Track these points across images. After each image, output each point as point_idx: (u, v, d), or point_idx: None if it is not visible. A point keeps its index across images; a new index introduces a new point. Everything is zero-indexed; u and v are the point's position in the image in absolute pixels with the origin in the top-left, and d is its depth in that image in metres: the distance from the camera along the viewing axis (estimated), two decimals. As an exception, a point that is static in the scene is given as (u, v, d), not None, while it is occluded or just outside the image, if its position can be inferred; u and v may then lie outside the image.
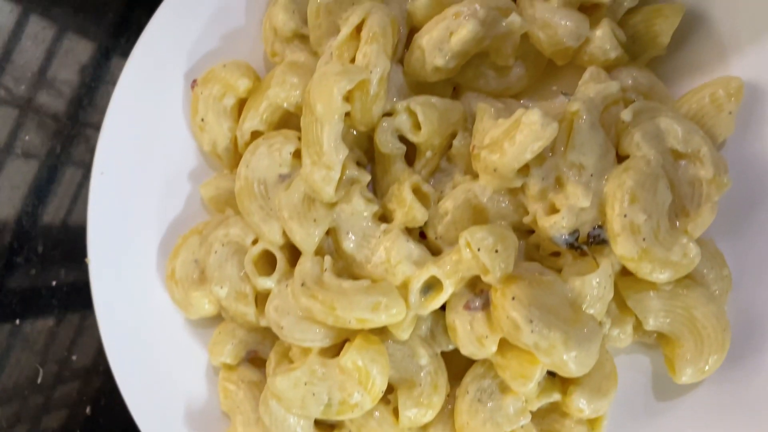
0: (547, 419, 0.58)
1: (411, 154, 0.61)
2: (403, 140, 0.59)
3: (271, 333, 0.59)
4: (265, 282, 0.59)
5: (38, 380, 0.77)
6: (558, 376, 0.55)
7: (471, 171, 0.59)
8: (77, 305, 0.78)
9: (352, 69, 0.54)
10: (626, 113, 0.55)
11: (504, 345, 0.54)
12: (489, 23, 0.57)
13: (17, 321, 0.79)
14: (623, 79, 0.59)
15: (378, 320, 0.54)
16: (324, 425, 0.60)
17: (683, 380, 0.55)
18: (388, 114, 0.59)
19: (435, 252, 0.58)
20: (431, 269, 0.54)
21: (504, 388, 0.56)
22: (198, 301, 0.63)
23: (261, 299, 0.61)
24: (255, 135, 0.62)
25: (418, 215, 0.57)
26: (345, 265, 0.58)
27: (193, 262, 0.63)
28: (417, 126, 0.58)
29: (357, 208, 0.57)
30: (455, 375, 0.58)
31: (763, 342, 0.56)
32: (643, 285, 0.55)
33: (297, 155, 0.59)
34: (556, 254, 0.57)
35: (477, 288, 0.56)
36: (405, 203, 0.57)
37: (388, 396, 0.58)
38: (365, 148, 0.61)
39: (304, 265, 0.57)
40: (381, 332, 0.56)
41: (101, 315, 0.64)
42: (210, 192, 0.65)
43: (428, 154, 0.60)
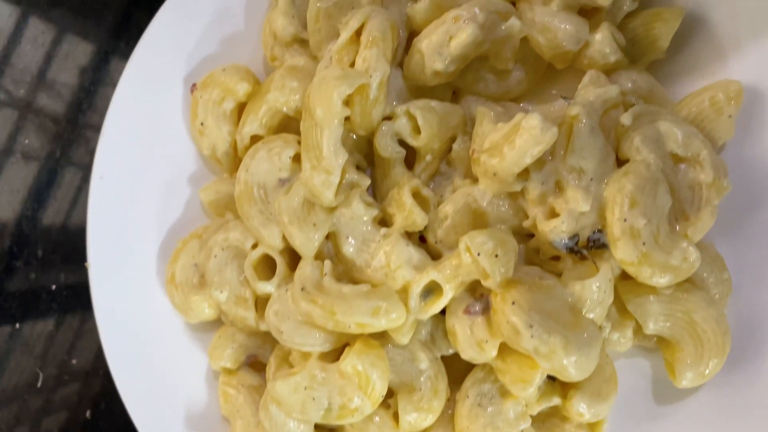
0: (548, 423, 0.58)
1: (411, 158, 0.61)
2: (403, 144, 0.59)
3: (271, 337, 0.59)
4: (265, 286, 0.59)
5: (38, 384, 0.77)
6: (558, 381, 0.55)
7: (471, 175, 0.59)
8: (77, 308, 0.78)
9: (352, 73, 0.54)
10: (626, 117, 0.55)
11: (504, 349, 0.54)
12: (488, 27, 0.56)
13: (17, 325, 0.79)
14: (623, 83, 0.59)
15: (378, 325, 0.54)
16: (324, 429, 0.60)
17: (683, 384, 0.55)
18: (388, 118, 0.59)
19: (435, 256, 0.58)
20: (431, 274, 0.54)
21: (504, 393, 0.56)
22: (198, 306, 0.63)
23: (261, 303, 0.61)
24: (254, 139, 0.62)
25: (418, 219, 0.57)
26: (345, 270, 0.58)
27: (193, 267, 0.63)
28: (417, 130, 0.58)
29: (357, 213, 0.57)
30: (455, 379, 0.58)
31: (763, 346, 0.56)
32: (643, 289, 0.55)
33: (297, 159, 0.59)
34: (556, 258, 0.57)
35: (477, 292, 0.55)
36: (405, 207, 0.57)
37: (389, 400, 0.58)
38: (365, 152, 0.61)
39: (304, 270, 0.57)
40: (381, 337, 0.56)
41: (101, 319, 0.64)
42: (210, 196, 0.65)
43: (428, 158, 0.60)
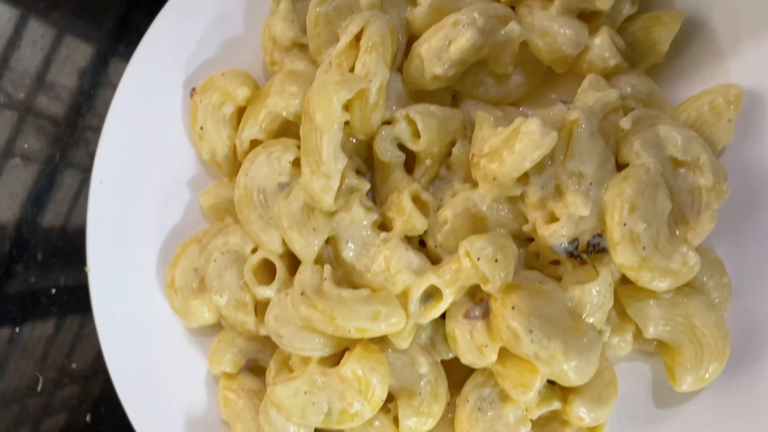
0: (548, 427, 0.57)
1: (410, 162, 0.61)
2: (403, 148, 0.59)
3: (271, 341, 0.59)
4: (265, 291, 0.59)
5: (38, 388, 0.77)
6: (558, 385, 0.55)
7: (470, 179, 0.59)
8: (77, 312, 0.78)
9: (352, 78, 0.53)
10: (625, 121, 0.55)
11: (504, 354, 0.54)
12: (488, 32, 0.56)
13: (17, 328, 0.79)
14: (622, 87, 0.58)
15: (378, 329, 0.54)
16: (324, 434, 0.60)
17: (683, 388, 0.55)
18: (388, 122, 0.59)
19: (435, 260, 0.58)
20: (431, 278, 0.54)
21: (504, 397, 0.56)
22: (197, 310, 0.63)
23: (261, 308, 0.61)
24: (254, 143, 0.62)
25: (418, 224, 0.56)
26: (345, 274, 0.58)
27: (193, 271, 0.63)
28: (416, 134, 0.58)
29: (356, 217, 0.57)
30: (455, 383, 0.58)
31: (764, 349, 0.56)
32: (643, 293, 0.55)
33: (296, 164, 0.59)
34: (556, 262, 0.57)
35: (477, 297, 0.55)
36: (404, 212, 0.57)
37: (388, 405, 0.58)
38: (364, 156, 0.61)
39: (304, 274, 0.57)
40: (381, 341, 0.56)
41: (101, 323, 0.64)
42: (209, 200, 0.65)
43: (428, 162, 0.60)
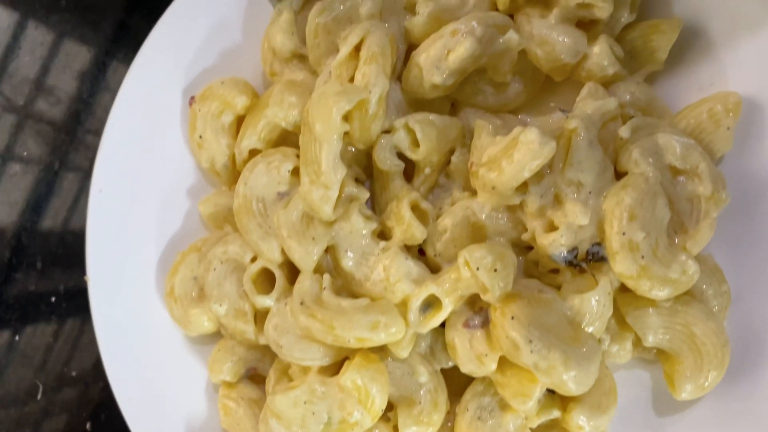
0: (547, 436, 0.58)
1: (410, 170, 0.61)
2: (402, 157, 0.59)
3: (271, 350, 0.59)
4: (264, 300, 0.59)
5: (38, 396, 0.77)
6: (558, 393, 0.55)
7: (470, 187, 0.59)
8: (76, 320, 0.78)
9: (351, 89, 0.53)
10: (624, 130, 0.55)
11: (504, 363, 0.54)
12: (486, 41, 0.56)
13: (16, 336, 0.79)
14: (621, 95, 0.58)
15: (377, 339, 0.54)
16: (324, 443, 0.60)
17: (683, 397, 0.55)
18: (387, 131, 0.58)
19: (434, 269, 0.58)
20: (430, 287, 0.54)
21: (504, 406, 0.56)
22: (197, 319, 0.63)
23: (260, 317, 0.61)
24: (253, 153, 0.62)
25: (417, 233, 0.56)
26: (344, 283, 0.58)
27: (192, 280, 0.63)
28: (415, 143, 0.58)
29: (356, 226, 0.57)
30: (455, 392, 0.58)
31: (763, 357, 0.56)
32: (642, 302, 0.55)
33: (295, 173, 0.59)
34: (555, 271, 0.57)
35: (476, 306, 0.55)
36: (404, 221, 0.57)
37: (388, 413, 0.58)
38: (364, 165, 0.61)
39: (303, 284, 0.57)
40: (380, 350, 0.56)
41: (100, 332, 0.64)
42: (209, 209, 0.65)
43: (427, 171, 0.60)
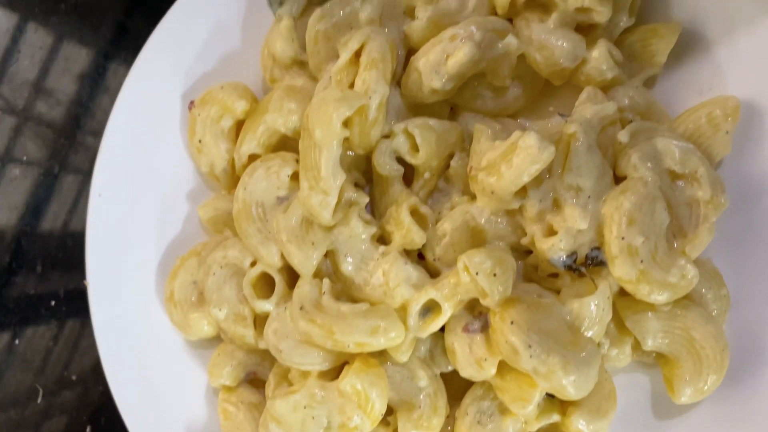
0: (547, 440, 0.58)
1: (409, 175, 0.61)
2: (401, 161, 0.59)
3: (270, 354, 0.59)
4: (264, 305, 0.59)
5: (38, 399, 0.77)
6: (557, 397, 0.55)
7: (469, 191, 0.59)
8: (76, 324, 0.78)
9: (351, 95, 0.53)
10: (623, 134, 0.55)
11: (503, 367, 0.54)
12: (485, 45, 0.56)
13: (16, 340, 0.79)
14: (620, 99, 0.58)
15: (377, 344, 0.54)
16: (324, 447, 0.60)
17: (682, 401, 0.55)
18: (386, 136, 0.58)
19: (433, 273, 0.58)
20: (430, 292, 0.54)
21: (503, 410, 0.56)
22: (197, 323, 0.63)
23: (260, 321, 0.61)
24: (252, 158, 0.62)
25: (416, 238, 0.57)
26: (343, 288, 0.58)
27: (192, 284, 0.63)
28: (415, 148, 0.58)
29: (355, 231, 0.57)
30: (455, 396, 0.58)
31: (762, 361, 0.56)
32: (642, 306, 0.55)
33: (295, 177, 0.59)
34: (555, 275, 0.57)
35: (476, 310, 0.56)
36: (403, 226, 0.57)
37: (388, 418, 0.58)
38: (363, 170, 0.61)
39: (303, 289, 0.57)
40: (380, 354, 0.56)
41: (100, 336, 0.64)
42: (208, 213, 0.65)
43: (426, 175, 0.60)
